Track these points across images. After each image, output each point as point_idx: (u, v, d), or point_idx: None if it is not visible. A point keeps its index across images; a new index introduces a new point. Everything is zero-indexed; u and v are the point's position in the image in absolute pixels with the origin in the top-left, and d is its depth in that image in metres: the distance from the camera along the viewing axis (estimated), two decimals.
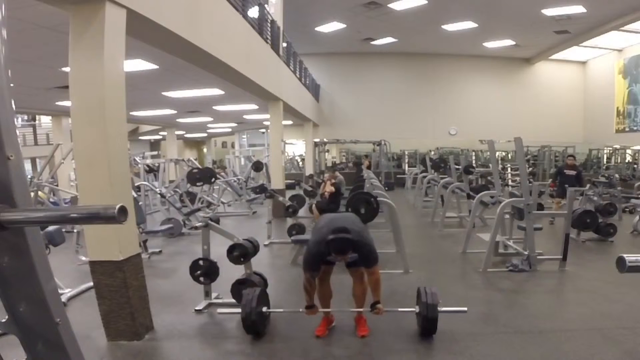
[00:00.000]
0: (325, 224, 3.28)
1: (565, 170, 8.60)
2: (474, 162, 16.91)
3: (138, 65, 6.38)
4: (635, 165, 15.95)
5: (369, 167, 15.11)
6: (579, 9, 12.27)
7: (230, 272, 4.30)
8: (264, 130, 21.05)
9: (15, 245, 0.86)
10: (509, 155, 18.80)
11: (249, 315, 3.36)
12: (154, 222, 8.48)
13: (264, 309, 3.52)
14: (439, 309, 3.33)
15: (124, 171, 3.59)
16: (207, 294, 4.25)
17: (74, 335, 0.97)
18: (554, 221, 8.40)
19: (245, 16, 7.14)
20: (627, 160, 16.84)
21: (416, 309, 3.44)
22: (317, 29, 14.86)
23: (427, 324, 3.35)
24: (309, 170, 16.36)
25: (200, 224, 4.29)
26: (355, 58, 18.89)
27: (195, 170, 8.88)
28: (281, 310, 3.75)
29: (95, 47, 3.12)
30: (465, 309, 3.58)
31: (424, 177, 11.50)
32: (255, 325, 3.41)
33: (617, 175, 11.67)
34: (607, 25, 13.34)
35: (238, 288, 4.01)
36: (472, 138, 18.42)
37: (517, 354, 3.18)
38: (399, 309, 3.67)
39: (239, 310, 3.45)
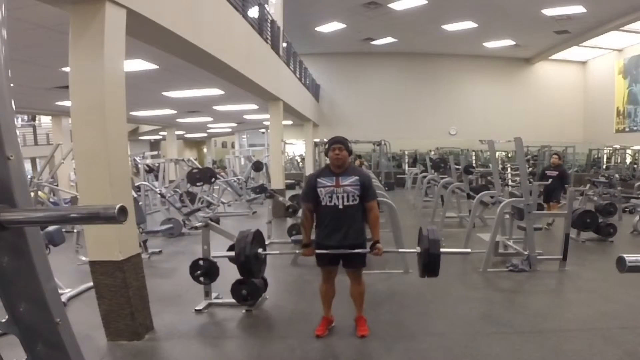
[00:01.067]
0: None
1: (547, 171, 8.07)
2: (474, 162, 16.90)
3: (138, 65, 6.38)
4: (635, 165, 15.94)
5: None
6: (579, 9, 12.27)
7: (230, 272, 4.29)
8: (264, 130, 21.05)
9: (15, 245, 0.86)
10: (509, 155, 18.79)
11: (242, 252, 3.15)
12: (154, 222, 8.48)
13: (260, 250, 3.31)
14: (441, 249, 3.14)
15: (124, 171, 3.59)
16: (207, 294, 4.25)
17: (74, 335, 0.97)
18: (552, 224, 8.10)
19: (245, 16, 7.14)
20: (627, 161, 16.82)
21: (417, 249, 3.27)
22: (317, 29, 14.86)
23: (429, 261, 3.10)
24: (309, 170, 16.36)
25: (200, 224, 4.29)
26: (355, 58, 18.90)
27: (195, 170, 8.88)
28: (277, 252, 3.69)
29: (95, 47, 3.12)
30: (469, 250, 3.55)
31: (424, 177, 11.50)
32: (249, 263, 3.18)
33: (617, 175, 11.66)
34: (607, 25, 13.34)
35: (238, 288, 4.01)
36: (472, 138, 18.41)
37: (517, 354, 3.18)
38: (400, 250, 3.63)
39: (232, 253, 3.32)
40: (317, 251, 3.31)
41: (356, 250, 3.28)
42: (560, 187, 7.87)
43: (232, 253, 3.39)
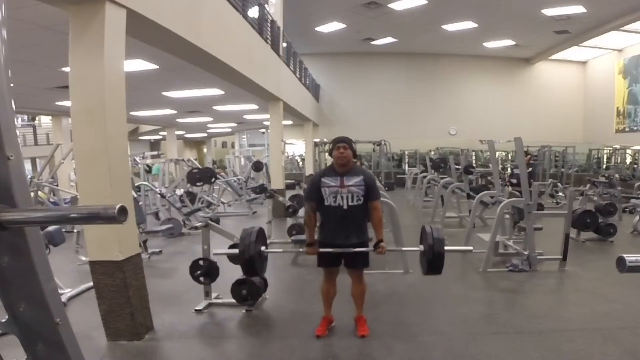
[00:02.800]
0: None
1: (515, 170, 7.63)
2: (474, 162, 16.90)
3: (138, 65, 6.38)
4: (635, 165, 15.94)
5: None
6: (579, 9, 12.27)
7: (230, 272, 4.30)
8: (264, 130, 21.04)
9: (15, 245, 0.86)
10: (509, 155, 18.79)
11: (247, 249, 3.19)
12: (154, 222, 8.48)
13: (262, 248, 3.36)
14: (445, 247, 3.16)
15: (124, 171, 3.59)
16: (207, 294, 4.24)
17: (74, 335, 0.97)
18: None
19: (245, 16, 7.14)
20: (627, 161, 16.82)
21: (421, 247, 3.27)
22: (317, 29, 14.86)
23: (433, 259, 3.12)
24: (309, 170, 16.36)
25: (200, 224, 4.29)
26: (355, 58, 18.89)
27: (195, 170, 8.88)
28: (280, 250, 3.71)
29: (95, 47, 3.12)
30: (471, 247, 3.57)
31: (424, 177, 11.50)
32: (253, 263, 3.23)
33: (617, 175, 11.67)
34: (607, 25, 13.34)
35: (238, 288, 4.01)
36: (472, 138, 18.41)
37: (517, 354, 3.18)
38: (403, 248, 3.63)
39: (236, 250, 3.33)
40: (321, 250, 3.30)
41: (360, 249, 3.28)
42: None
43: (234, 250, 3.40)
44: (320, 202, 3.29)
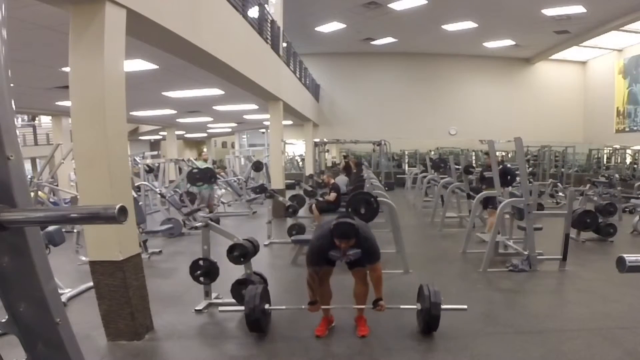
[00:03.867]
0: (327, 221, 3.38)
1: (485, 173, 7.25)
2: (474, 162, 16.89)
3: (138, 65, 6.38)
4: (635, 165, 15.94)
5: (348, 169, 11.16)
6: (579, 9, 12.27)
7: (230, 272, 4.30)
8: (264, 130, 21.05)
9: (15, 245, 0.86)
10: (509, 155, 18.79)
11: (252, 312, 3.34)
12: (154, 222, 8.48)
13: (266, 306, 3.51)
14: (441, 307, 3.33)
15: (124, 171, 3.59)
16: (207, 294, 4.25)
17: (74, 335, 0.97)
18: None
19: (245, 16, 7.14)
20: (627, 161, 16.82)
21: (417, 306, 3.43)
22: (317, 29, 14.86)
23: (430, 321, 3.35)
24: (309, 170, 16.36)
25: (200, 224, 4.28)
26: (355, 58, 18.89)
27: (195, 170, 8.88)
28: (284, 307, 3.74)
29: (95, 47, 3.12)
30: (465, 306, 3.59)
31: (424, 177, 11.49)
32: (259, 323, 3.40)
33: (617, 175, 11.66)
34: (607, 25, 13.34)
35: (238, 288, 4.01)
36: (472, 138, 18.41)
37: (517, 354, 3.19)
38: (401, 306, 3.67)
39: (242, 307, 3.45)
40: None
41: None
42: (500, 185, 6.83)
43: (240, 307, 3.56)
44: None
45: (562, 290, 4.79)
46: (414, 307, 3.50)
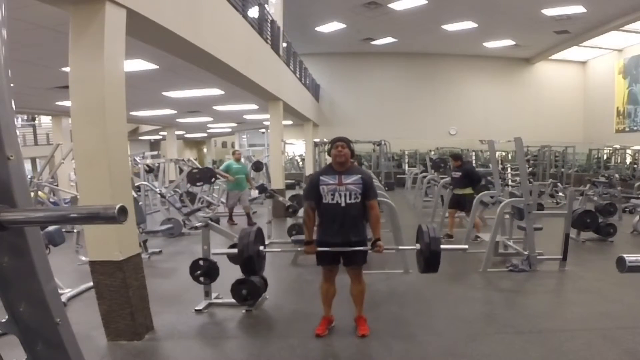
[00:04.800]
0: None
1: (452, 173, 7.30)
2: (474, 162, 16.89)
3: (138, 65, 6.38)
4: (635, 165, 15.94)
5: None
6: (579, 9, 12.28)
7: (230, 272, 4.30)
8: (264, 130, 21.05)
9: (15, 245, 0.86)
10: (509, 156, 18.79)
11: (245, 250, 3.20)
12: (154, 222, 8.49)
13: (261, 247, 3.37)
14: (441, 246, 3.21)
15: (124, 171, 3.59)
16: (207, 294, 4.25)
17: (74, 335, 0.97)
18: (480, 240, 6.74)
19: (245, 16, 7.14)
20: (627, 161, 16.82)
21: (417, 246, 3.32)
22: (317, 29, 14.87)
23: (430, 258, 3.20)
24: (309, 170, 16.36)
25: (200, 224, 4.29)
26: (355, 58, 18.90)
27: (195, 170, 8.88)
28: (279, 249, 3.70)
29: (95, 47, 3.11)
30: (466, 246, 3.71)
31: (424, 177, 11.49)
32: (252, 262, 3.25)
33: (617, 175, 11.66)
34: (607, 25, 13.35)
35: (238, 288, 4.01)
36: (472, 138, 18.41)
37: (517, 354, 3.19)
38: (400, 247, 3.65)
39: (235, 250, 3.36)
40: (319, 249, 3.31)
41: (357, 248, 3.29)
42: (463, 186, 6.94)
43: (233, 250, 3.42)
44: (319, 200, 3.30)
45: (562, 290, 4.79)
46: (414, 247, 3.35)
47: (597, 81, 18.89)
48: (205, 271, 4.15)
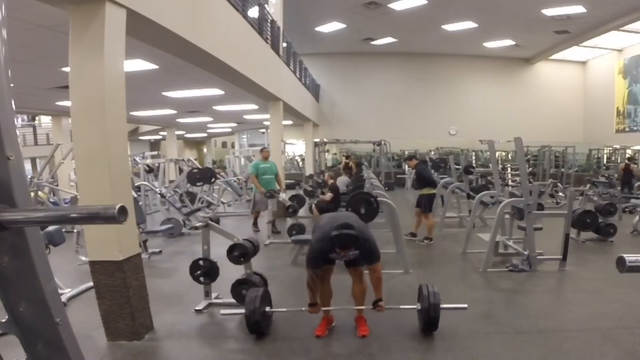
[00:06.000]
0: (327, 222, 3.33)
1: (412, 175, 7.30)
2: (474, 162, 16.90)
3: (138, 65, 6.38)
4: (635, 166, 15.94)
5: (348, 169, 11.83)
6: (579, 9, 12.28)
7: (230, 272, 4.30)
8: (264, 130, 21.05)
9: (15, 245, 0.86)
10: (509, 156, 18.79)
11: (252, 314, 3.36)
12: (154, 222, 8.48)
13: (267, 308, 3.52)
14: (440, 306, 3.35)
15: (124, 171, 3.59)
16: (207, 294, 4.25)
17: (74, 335, 0.97)
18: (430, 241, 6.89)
19: (245, 16, 7.14)
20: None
21: (417, 306, 3.44)
22: (317, 29, 14.86)
23: (430, 322, 3.38)
24: (309, 170, 16.36)
25: (200, 224, 4.28)
26: (355, 58, 18.90)
27: (195, 170, 8.88)
28: (284, 309, 3.73)
29: (95, 47, 3.11)
30: (466, 305, 3.60)
31: None
32: (259, 325, 3.41)
33: (617, 175, 11.66)
34: (607, 25, 13.34)
35: (238, 288, 4.01)
36: (472, 138, 18.42)
37: (517, 354, 3.19)
38: (401, 306, 3.67)
39: (242, 310, 3.47)
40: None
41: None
42: (418, 186, 7.01)
43: (241, 310, 3.53)
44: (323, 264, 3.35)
45: (562, 290, 4.79)
46: (414, 307, 3.51)
47: (597, 81, 18.89)
48: (205, 271, 4.15)
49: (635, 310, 3.94)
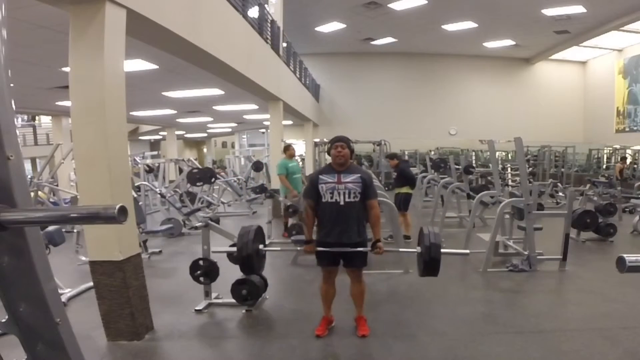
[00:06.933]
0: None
1: (393, 173, 7.23)
2: (474, 162, 16.89)
3: (138, 65, 6.37)
4: (635, 165, 15.94)
5: None
6: (579, 9, 12.28)
7: (230, 272, 4.30)
8: (264, 130, 21.05)
9: (15, 245, 0.86)
10: (509, 156, 18.79)
11: (245, 248, 3.17)
12: (154, 222, 8.48)
13: (260, 246, 3.34)
14: (442, 250, 3.18)
15: (124, 171, 3.59)
16: (207, 294, 4.24)
17: (74, 335, 0.97)
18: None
19: (245, 16, 7.14)
20: (627, 161, 16.82)
21: (418, 249, 3.27)
22: (317, 29, 14.87)
23: (430, 262, 3.17)
24: (309, 170, 16.36)
25: (200, 224, 4.29)
26: (355, 58, 18.91)
27: (195, 170, 8.88)
28: (278, 249, 3.69)
29: (95, 47, 3.11)
30: (468, 251, 3.77)
31: (424, 177, 11.49)
32: (251, 260, 3.21)
33: (617, 175, 11.66)
34: (607, 25, 13.35)
35: (238, 288, 4.01)
36: (472, 138, 18.42)
37: (517, 354, 3.18)
38: (400, 249, 3.64)
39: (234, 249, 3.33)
40: (318, 248, 3.31)
41: (357, 249, 3.28)
42: (399, 184, 7.06)
43: (233, 248, 3.41)
44: (318, 199, 3.31)
45: (562, 290, 4.79)
46: (415, 250, 3.31)
47: (597, 81, 18.90)
48: (205, 271, 4.15)
49: (635, 310, 3.94)
